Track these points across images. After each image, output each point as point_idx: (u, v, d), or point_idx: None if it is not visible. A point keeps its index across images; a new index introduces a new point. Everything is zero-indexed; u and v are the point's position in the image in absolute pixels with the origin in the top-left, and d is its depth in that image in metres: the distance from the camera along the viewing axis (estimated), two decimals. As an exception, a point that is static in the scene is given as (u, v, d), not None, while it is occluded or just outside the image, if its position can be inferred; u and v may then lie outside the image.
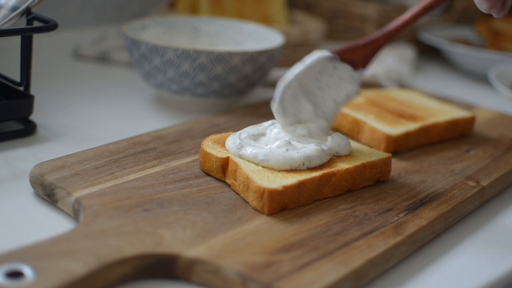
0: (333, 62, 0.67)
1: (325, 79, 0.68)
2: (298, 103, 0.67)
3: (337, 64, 0.67)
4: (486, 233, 0.66)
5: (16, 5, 0.74)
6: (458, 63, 1.20)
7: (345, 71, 0.68)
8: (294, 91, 0.66)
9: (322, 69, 0.67)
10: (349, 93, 0.69)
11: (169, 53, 0.81)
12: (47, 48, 1.06)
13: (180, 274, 0.53)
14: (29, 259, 0.49)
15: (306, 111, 0.68)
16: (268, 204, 0.59)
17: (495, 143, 0.82)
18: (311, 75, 0.67)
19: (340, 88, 0.69)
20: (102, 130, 0.79)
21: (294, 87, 0.66)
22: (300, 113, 0.67)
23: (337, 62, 0.67)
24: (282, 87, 0.66)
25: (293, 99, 0.67)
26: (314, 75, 0.67)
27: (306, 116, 0.68)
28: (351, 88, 0.69)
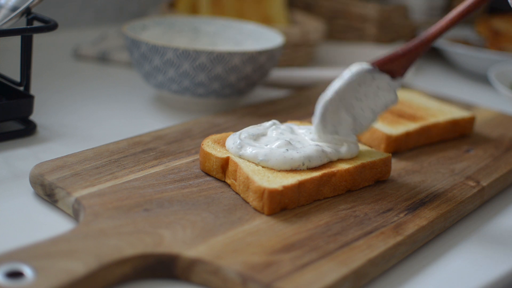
0: (371, 74, 0.67)
1: (363, 89, 0.67)
2: (337, 116, 0.67)
3: (376, 75, 0.67)
4: (486, 233, 0.66)
5: (16, 5, 0.74)
6: (458, 63, 1.20)
7: (383, 81, 0.68)
8: (333, 107, 0.66)
9: (361, 81, 0.67)
10: (387, 102, 0.69)
11: (169, 53, 0.81)
12: (47, 48, 1.06)
13: (180, 274, 0.53)
14: (29, 259, 0.49)
15: (345, 123, 0.67)
16: (268, 204, 0.59)
17: (495, 143, 0.82)
18: (350, 88, 0.66)
19: (378, 97, 0.68)
20: (102, 130, 0.79)
21: (334, 102, 0.66)
22: (340, 125, 0.67)
23: (376, 73, 0.67)
24: (323, 103, 0.65)
25: (333, 113, 0.66)
26: (353, 87, 0.67)
27: (345, 128, 0.68)
28: (389, 97, 0.69)
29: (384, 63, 0.67)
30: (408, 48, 0.68)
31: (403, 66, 0.68)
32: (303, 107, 0.86)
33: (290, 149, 0.64)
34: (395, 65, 0.68)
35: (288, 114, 0.83)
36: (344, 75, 0.66)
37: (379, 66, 0.67)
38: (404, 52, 0.68)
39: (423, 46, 0.68)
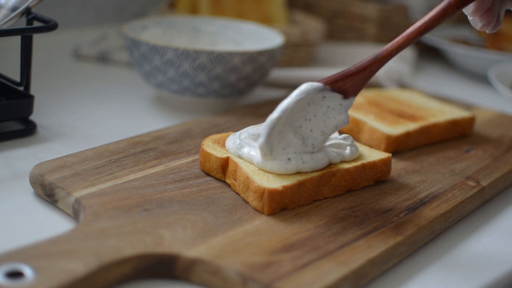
0: (322, 93, 0.64)
1: (313, 109, 0.64)
2: (285, 138, 0.63)
3: (327, 94, 0.64)
4: (486, 233, 0.66)
5: (16, 5, 0.74)
6: (458, 63, 1.20)
7: (335, 100, 0.64)
8: (281, 127, 0.62)
9: (310, 100, 0.63)
10: (338, 122, 0.65)
11: (169, 53, 0.81)
12: (47, 48, 1.06)
13: (180, 274, 0.53)
14: (29, 259, 0.49)
15: (294, 145, 0.64)
16: (268, 204, 0.59)
17: (495, 143, 0.82)
18: (299, 107, 0.63)
19: (329, 118, 0.65)
20: (102, 130, 0.79)
21: (282, 122, 0.62)
22: (289, 147, 0.64)
23: (327, 92, 0.64)
24: (270, 123, 0.61)
25: (279, 134, 0.63)
26: (302, 106, 0.63)
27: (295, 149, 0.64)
28: (340, 118, 0.65)
29: (336, 81, 0.64)
30: (362, 66, 0.64)
31: (356, 85, 0.64)
32: (303, 107, 0.86)
33: (292, 159, 0.63)
34: (348, 84, 0.64)
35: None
36: (293, 94, 0.62)
37: (330, 85, 0.64)
38: (358, 69, 0.64)
39: (377, 63, 0.64)
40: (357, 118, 0.79)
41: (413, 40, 0.64)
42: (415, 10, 1.29)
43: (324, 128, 0.65)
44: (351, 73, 0.64)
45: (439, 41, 1.19)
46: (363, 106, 0.83)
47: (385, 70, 1.03)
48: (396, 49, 0.64)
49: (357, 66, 0.64)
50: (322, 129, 0.65)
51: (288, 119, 0.62)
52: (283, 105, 0.61)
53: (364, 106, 0.83)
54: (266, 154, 0.62)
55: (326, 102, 0.64)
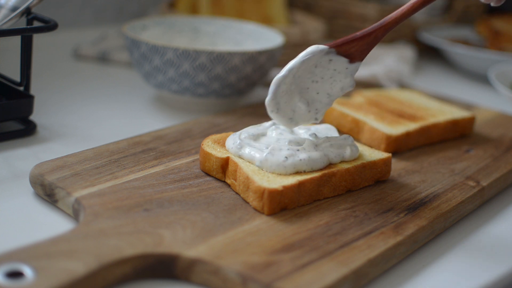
0: (329, 55, 0.65)
1: (320, 71, 0.66)
2: (291, 99, 0.65)
3: (333, 57, 0.66)
4: (486, 233, 0.66)
5: (16, 5, 0.74)
6: (458, 63, 1.20)
7: (341, 64, 0.66)
8: (288, 86, 0.64)
9: (317, 62, 0.65)
10: (344, 86, 0.67)
11: (169, 53, 0.81)
12: (47, 48, 1.06)
13: (180, 274, 0.53)
14: (29, 259, 0.49)
15: (299, 109, 0.66)
16: (268, 204, 0.59)
17: (495, 143, 0.82)
18: (306, 69, 0.65)
19: (335, 81, 0.67)
20: (102, 130, 0.79)
21: (289, 81, 0.64)
22: (294, 111, 0.66)
23: (333, 55, 0.66)
24: (276, 81, 0.64)
25: (287, 94, 0.65)
26: (309, 68, 0.65)
27: (300, 114, 0.66)
28: (346, 81, 0.67)
29: (342, 45, 0.66)
30: (367, 31, 0.66)
31: (362, 50, 0.66)
32: (303, 107, 0.86)
33: (289, 158, 0.63)
34: (353, 48, 0.66)
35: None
36: (299, 55, 0.64)
37: (336, 48, 0.65)
38: (363, 34, 0.66)
39: (383, 30, 0.66)
40: (357, 118, 0.79)
41: (417, 9, 0.66)
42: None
43: (330, 90, 0.67)
44: (356, 38, 0.66)
45: (439, 41, 1.19)
46: (363, 106, 0.83)
47: (385, 70, 1.03)
48: (400, 17, 0.66)
49: (362, 32, 0.66)
50: (328, 92, 0.67)
51: (295, 80, 0.64)
52: (289, 65, 0.64)
53: (364, 106, 0.83)
54: (273, 111, 0.65)
55: (333, 65, 0.66)
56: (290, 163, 0.62)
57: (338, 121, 0.81)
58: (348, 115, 0.80)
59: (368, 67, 1.04)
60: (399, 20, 0.66)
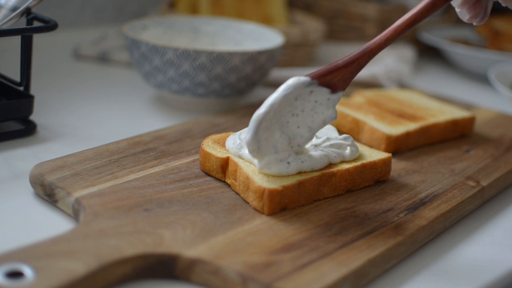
0: (310, 87, 0.62)
1: (300, 104, 0.62)
2: (272, 136, 0.62)
3: (315, 88, 0.62)
4: (486, 233, 0.66)
5: (16, 5, 0.74)
6: (458, 63, 1.20)
7: (322, 95, 0.63)
8: (268, 122, 0.60)
9: (298, 95, 0.61)
10: (326, 118, 0.64)
11: (169, 53, 0.81)
12: (47, 48, 1.06)
13: (180, 274, 0.53)
14: (29, 259, 0.49)
15: (280, 145, 0.63)
16: (268, 204, 0.59)
17: (495, 143, 0.82)
18: (286, 102, 0.61)
19: (316, 113, 0.64)
20: (102, 130, 0.79)
21: (270, 117, 0.60)
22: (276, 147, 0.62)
23: (315, 86, 0.62)
24: (256, 118, 0.59)
25: (267, 131, 0.61)
26: (289, 101, 0.61)
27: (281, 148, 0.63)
28: (327, 113, 0.64)
29: (324, 75, 0.62)
30: (350, 59, 0.63)
31: (345, 79, 0.63)
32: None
33: (291, 162, 0.62)
34: (336, 78, 0.62)
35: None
36: (279, 88, 0.60)
37: (318, 79, 0.62)
38: (346, 63, 0.63)
39: (365, 56, 0.63)
40: (357, 118, 0.79)
41: (401, 33, 0.63)
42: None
43: (311, 124, 0.64)
44: (339, 67, 0.63)
45: (439, 41, 1.19)
46: (363, 106, 0.83)
47: (385, 70, 1.03)
48: (384, 42, 0.63)
49: (345, 60, 0.63)
50: (309, 125, 0.64)
51: (275, 114, 0.61)
52: (270, 100, 0.60)
53: (364, 106, 0.83)
54: (253, 150, 0.60)
55: (314, 97, 0.63)
56: (293, 167, 0.62)
57: (338, 121, 0.81)
58: (348, 115, 0.80)
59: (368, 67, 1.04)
60: (383, 45, 0.63)
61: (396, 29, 0.63)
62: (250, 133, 0.60)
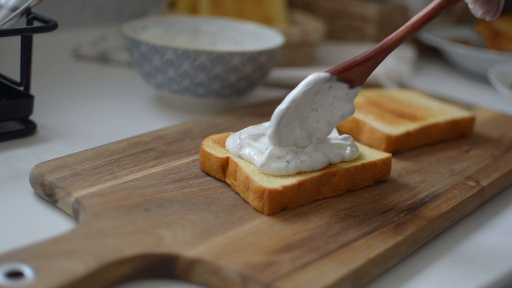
0: (329, 83, 0.64)
1: (320, 99, 0.64)
2: (292, 131, 0.64)
3: (333, 84, 0.64)
4: (486, 233, 0.66)
5: (16, 5, 0.74)
6: (458, 63, 1.20)
7: (341, 90, 0.65)
8: (289, 117, 0.63)
9: (318, 90, 0.64)
10: (344, 112, 0.66)
11: (169, 53, 0.81)
12: (47, 48, 1.06)
13: (180, 274, 0.53)
14: (29, 259, 0.49)
15: (300, 136, 0.65)
16: (268, 204, 0.59)
17: (495, 143, 0.82)
18: (306, 98, 0.63)
19: (335, 108, 0.66)
20: (102, 130, 0.79)
21: (291, 112, 0.63)
22: (296, 143, 0.65)
23: (334, 82, 0.64)
24: (279, 113, 0.62)
25: (288, 126, 0.63)
26: (310, 97, 0.64)
27: (301, 142, 0.65)
28: (346, 108, 0.66)
29: (342, 71, 0.64)
30: (367, 55, 0.65)
31: (362, 74, 0.65)
32: (303, 107, 0.86)
33: (291, 161, 0.63)
34: (354, 74, 0.64)
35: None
36: (300, 84, 0.63)
37: (337, 75, 0.64)
38: (363, 59, 0.65)
39: (382, 53, 0.65)
40: (357, 118, 0.79)
41: (416, 29, 0.65)
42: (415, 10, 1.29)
43: (330, 118, 0.66)
44: (357, 63, 0.65)
45: (439, 41, 1.19)
46: (363, 106, 0.83)
47: (385, 70, 1.03)
48: (400, 38, 0.65)
49: (362, 56, 0.65)
50: (328, 119, 0.66)
51: (296, 109, 0.63)
52: (291, 96, 0.62)
53: (364, 106, 0.83)
54: (275, 144, 0.63)
55: (333, 92, 0.65)
56: (292, 166, 0.62)
57: (338, 121, 0.81)
58: (348, 115, 0.80)
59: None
60: (399, 41, 0.65)
61: (412, 25, 0.65)
62: (272, 128, 0.62)
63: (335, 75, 0.64)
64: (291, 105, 0.62)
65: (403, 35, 0.65)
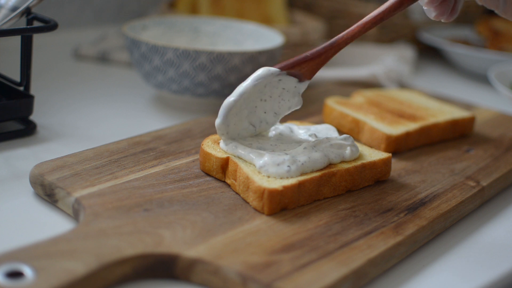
0: (279, 76, 0.66)
1: (269, 90, 0.67)
2: (240, 121, 0.66)
3: (283, 77, 0.66)
4: (486, 233, 0.66)
5: (16, 5, 0.74)
6: (458, 63, 1.20)
7: (290, 83, 0.67)
8: (238, 109, 0.65)
9: (267, 82, 0.66)
10: (291, 105, 0.69)
11: (169, 53, 0.81)
12: (47, 48, 1.06)
13: (180, 274, 0.53)
14: (29, 259, 0.49)
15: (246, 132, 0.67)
16: (268, 204, 0.59)
17: (495, 143, 0.82)
18: (255, 90, 0.66)
19: (283, 100, 0.68)
20: (102, 130, 0.79)
21: (239, 104, 0.65)
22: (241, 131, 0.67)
23: (283, 76, 0.66)
24: (227, 105, 0.64)
25: (236, 116, 0.66)
26: (259, 89, 0.66)
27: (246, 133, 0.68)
28: (293, 100, 0.68)
29: (292, 66, 0.66)
30: (318, 52, 0.67)
31: (312, 69, 0.67)
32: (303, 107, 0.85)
33: (292, 165, 0.63)
34: (304, 69, 0.67)
35: (288, 114, 0.83)
36: (250, 77, 0.65)
37: (287, 70, 0.66)
38: (314, 55, 0.67)
39: (332, 50, 0.67)
40: (357, 118, 0.79)
41: (368, 29, 0.67)
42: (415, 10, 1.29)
43: (277, 109, 0.68)
44: (307, 59, 0.67)
45: (439, 41, 1.19)
46: (363, 106, 0.83)
47: (385, 70, 1.03)
48: (351, 37, 0.67)
49: (313, 52, 0.67)
50: (276, 111, 0.68)
51: (244, 101, 0.65)
52: (241, 89, 0.65)
53: (364, 106, 0.83)
54: (223, 134, 0.66)
55: (282, 85, 0.67)
56: (294, 170, 0.62)
57: (338, 121, 0.81)
58: (348, 115, 0.80)
59: (368, 67, 1.04)
60: (349, 40, 0.67)
61: (364, 25, 0.67)
62: (219, 119, 0.65)
63: (285, 70, 0.66)
64: (239, 98, 0.64)
65: (353, 34, 0.67)
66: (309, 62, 0.67)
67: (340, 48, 0.67)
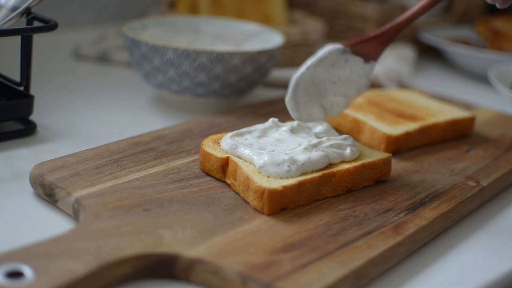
0: (344, 55, 0.67)
1: (337, 72, 0.68)
2: (310, 101, 0.67)
3: (349, 57, 0.68)
4: (486, 233, 0.66)
5: (16, 5, 0.74)
6: (458, 63, 1.20)
7: (357, 64, 0.68)
8: (306, 85, 0.67)
9: (334, 62, 0.67)
10: (360, 87, 0.70)
11: (169, 53, 0.81)
12: (47, 48, 1.06)
13: (180, 274, 0.53)
14: (29, 259, 0.49)
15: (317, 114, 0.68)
16: (268, 204, 0.59)
17: (495, 143, 0.82)
18: (323, 69, 0.67)
19: (351, 82, 0.69)
20: (102, 130, 0.79)
21: (307, 80, 0.66)
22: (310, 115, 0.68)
23: (349, 55, 0.68)
24: (295, 79, 0.66)
25: (306, 93, 0.67)
26: (326, 68, 0.67)
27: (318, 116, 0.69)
28: (361, 82, 0.69)
29: (356, 44, 0.68)
30: (380, 31, 0.69)
31: (376, 50, 0.69)
32: (303, 107, 0.86)
33: (292, 165, 0.63)
34: (368, 48, 0.68)
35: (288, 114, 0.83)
36: (317, 53, 0.67)
37: (351, 47, 0.68)
38: (376, 35, 0.69)
39: (395, 30, 0.69)
40: (357, 118, 0.79)
41: (428, 9, 0.69)
42: (415, 10, 1.29)
43: (347, 92, 0.69)
44: (370, 38, 0.69)
45: (439, 41, 1.19)
46: (363, 106, 0.83)
47: (385, 70, 1.03)
48: (412, 16, 0.69)
49: (375, 32, 0.69)
50: (345, 93, 0.69)
51: (313, 80, 0.66)
52: (307, 63, 0.66)
53: (364, 106, 0.83)
54: (292, 109, 0.67)
55: (349, 66, 0.68)
56: (294, 170, 0.62)
57: (338, 121, 0.81)
58: (348, 115, 0.80)
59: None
60: (411, 19, 0.69)
61: (423, 4, 0.69)
62: (289, 94, 0.66)
63: (348, 47, 0.67)
64: (306, 71, 0.66)
65: (414, 14, 0.69)
66: (371, 40, 0.68)
67: (402, 27, 0.69)
